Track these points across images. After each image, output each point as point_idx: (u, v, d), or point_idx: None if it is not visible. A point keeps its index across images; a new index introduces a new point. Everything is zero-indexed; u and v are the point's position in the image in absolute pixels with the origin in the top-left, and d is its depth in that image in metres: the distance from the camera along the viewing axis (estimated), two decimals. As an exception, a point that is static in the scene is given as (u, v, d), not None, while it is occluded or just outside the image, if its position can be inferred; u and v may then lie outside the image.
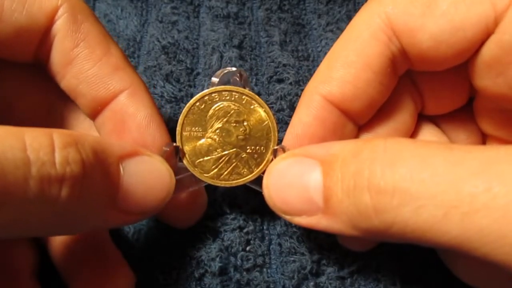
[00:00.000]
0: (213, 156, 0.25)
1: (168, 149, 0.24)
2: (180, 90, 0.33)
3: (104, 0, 0.38)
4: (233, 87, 0.25)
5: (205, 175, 0.25)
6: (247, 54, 0.35)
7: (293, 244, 0.28)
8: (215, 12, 0.37)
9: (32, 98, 0.26)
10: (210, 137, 0.25)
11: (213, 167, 0.25)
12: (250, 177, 0.25)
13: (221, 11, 0.37)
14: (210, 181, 0.25)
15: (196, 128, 0.25)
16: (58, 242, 0.25)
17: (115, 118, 0.24)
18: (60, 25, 0.23)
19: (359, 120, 0.24)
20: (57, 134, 0.18)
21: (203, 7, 0.38)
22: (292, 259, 0.28)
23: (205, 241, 0.28)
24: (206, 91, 0.25)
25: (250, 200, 0.29)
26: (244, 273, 0.27)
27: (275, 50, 0.36)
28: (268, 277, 0.27)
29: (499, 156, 0.16)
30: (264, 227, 0.29)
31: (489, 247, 0.15)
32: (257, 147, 0.25)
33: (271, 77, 0.34)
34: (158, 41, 0.35)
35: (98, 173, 0.19)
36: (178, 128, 0.25)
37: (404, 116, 0.25)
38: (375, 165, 0.18)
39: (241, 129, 0.25)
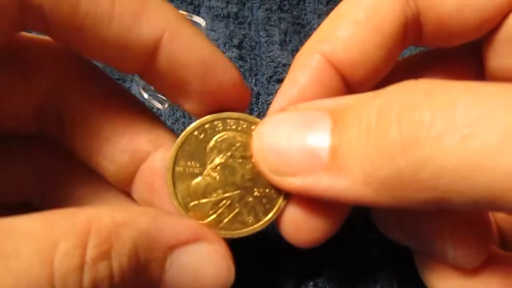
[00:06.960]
0: (212, 199, 0.20)
1: None
2: (180, 91, 0.33)
3: None
4: (240, 114, 0.20)
5: (200, 222, 0.20)
6: (247, 54, 0.36)
7: (292, 243, 0.28)
8: (215, 12, 0.37)
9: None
10: (209, 175, 0.20)
11: (211, 212, 0.20)
12: (257, 227, 0.20)
13: (221, 11, 0.37)
14: None
15: (193, 163, 0.20)
16: None
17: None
18: None
19: (357, 90, 0.20)
20: (93, 236, 0.15)
21: (203, 7, 0.38)
22: (292, 258, 0.28)
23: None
24: (207, 117, 0.20)
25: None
26: (244, 270, 0.27)
27: (275, 50, 0.36)
28: (268, 275, 0.27)
29: None
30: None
31: None
32: (267, 190, 0.20)
33: (270, 77, 0.34)
34: (158, 41, 0.35)
35: (132, 278, 0.16)
36: (170, 162, 0.20)
37: None
38: (407, 95, 0.15)
39: (248, 167, 0.20)
